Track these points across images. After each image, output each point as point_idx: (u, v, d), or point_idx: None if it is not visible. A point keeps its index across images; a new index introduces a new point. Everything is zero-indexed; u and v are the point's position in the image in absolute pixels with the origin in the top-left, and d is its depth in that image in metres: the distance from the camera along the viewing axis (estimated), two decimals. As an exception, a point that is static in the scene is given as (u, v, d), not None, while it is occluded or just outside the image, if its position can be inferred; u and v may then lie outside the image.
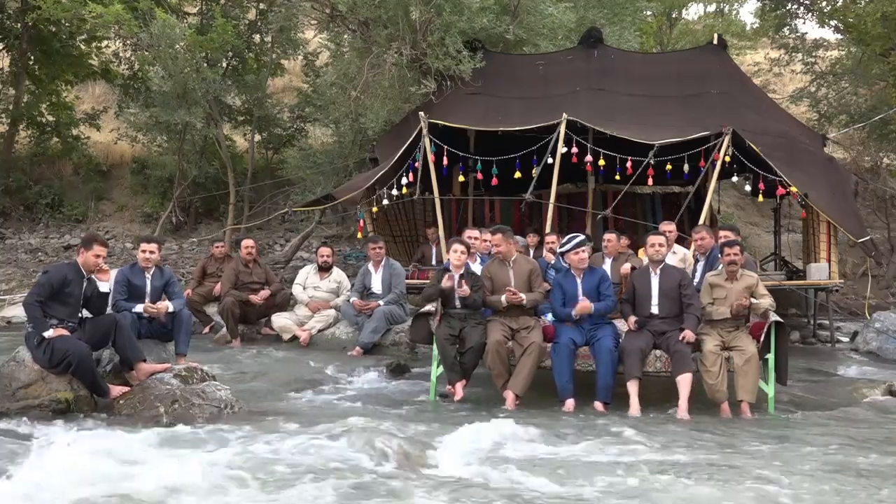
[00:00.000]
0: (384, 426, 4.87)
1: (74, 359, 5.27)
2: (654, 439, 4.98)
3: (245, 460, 4.14)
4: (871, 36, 12.45)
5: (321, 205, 11.04)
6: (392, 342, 8.30)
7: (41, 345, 5.31)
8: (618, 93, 10.39)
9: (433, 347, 6.46)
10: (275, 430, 4.95)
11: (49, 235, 14.31)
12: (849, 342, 9.79)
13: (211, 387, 5.56)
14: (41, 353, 5.32)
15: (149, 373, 5.62)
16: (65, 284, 5.45)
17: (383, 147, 10.62)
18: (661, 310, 6.23)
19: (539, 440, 4.86)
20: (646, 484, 3.99)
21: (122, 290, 6.46)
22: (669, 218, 9.03)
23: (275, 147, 15.19)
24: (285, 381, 6.71)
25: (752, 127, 9.46)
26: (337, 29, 12.33)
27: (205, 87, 12.33)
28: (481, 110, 10.23)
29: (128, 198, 15.38)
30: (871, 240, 9.52)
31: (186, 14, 14.66)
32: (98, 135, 15.81)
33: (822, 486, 3.96)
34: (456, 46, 10.40)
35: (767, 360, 6.07)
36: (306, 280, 9.01)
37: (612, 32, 12.85)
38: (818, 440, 5.06)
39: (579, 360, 6.23)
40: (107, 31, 12.93)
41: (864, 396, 6.70)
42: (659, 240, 6.49)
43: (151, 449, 4.30)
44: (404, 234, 11.46)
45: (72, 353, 5.27)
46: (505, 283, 6.46)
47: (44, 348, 5.30)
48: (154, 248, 6.63)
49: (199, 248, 13.59)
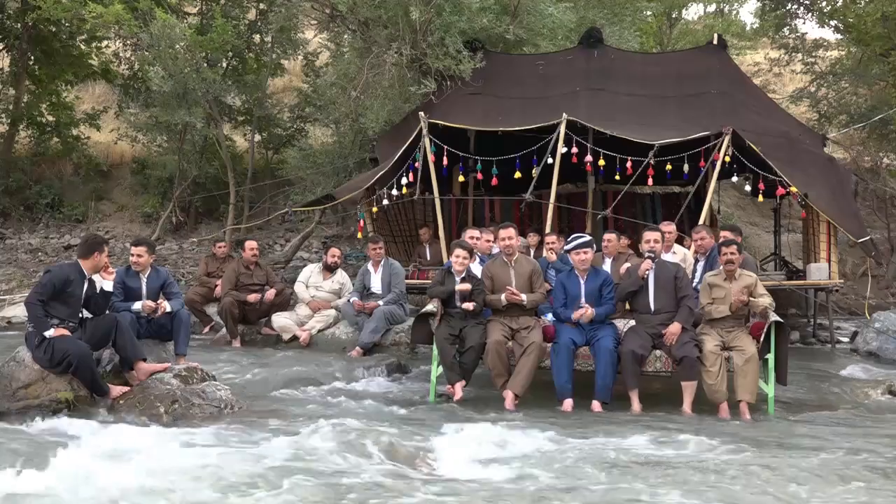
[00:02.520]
0: (384, 426, 4.86)
1: (75, 358, 5.25)
2: (653, 440, 4.97)
3: (245, 460, 4.13)
4: (870, 36, 12.45)
5: (321, 205, 11.04)
6: (392, 342, 8.25)
7: (42, 344, 5.30)
8: (618, 93, 10.39)
9: (433, 347, 6.46)
10: (274, 429, 4.93)
11: (49, 235, 14.30)
12: (849, 342, 9.77)
13: (211, 387, 5.56)
14: (42, 352, 5.30)
15: (149, 373, 5.61)
16: (67, 284, 5.43)
17: (383, 147, 10.62)
18: (657, 303, 6.23)
19: (538, 440, 4.84)
20: (646, 484, 3.98)
21: (118, 292, 6.39)
22: (669, 218, 9.02)
23: (275, 147, 15.17)
24: (285, 381, 6.68)
25: (752, 127, 9.46)
26: (337, 29, 12.37)
27: (205, 87, 12.32)
28: (481, 110, 10.23)
29: (128, 198, 15.37)
30: (871, 240, 9.52)
31: (186, 14, 14.66)
32: (98, 135, 15.81)
33: (822, 487, 3.95)
34: (456, 46, 10.41)
35: (767, 360, 6.06)
36: (309, 279, 8.97)
37: (612, 32, 12.85)
38: (818, 440, 5.04)
39: (579, 360, 6.24)
40: (107, 31, 13.00)
41: (864, 396, 6.70)
42: (654, 235, 6.50)
43: (151, 449, 4.27)
44: (404, 234, 11.45)
45: (72, 352, 5.26)
46: (506, 283, 6.45)
47: (44, 348, 5.28)
48: (142, 252, 6.52)
49: (199, 248, 13.57)
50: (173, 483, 3.73)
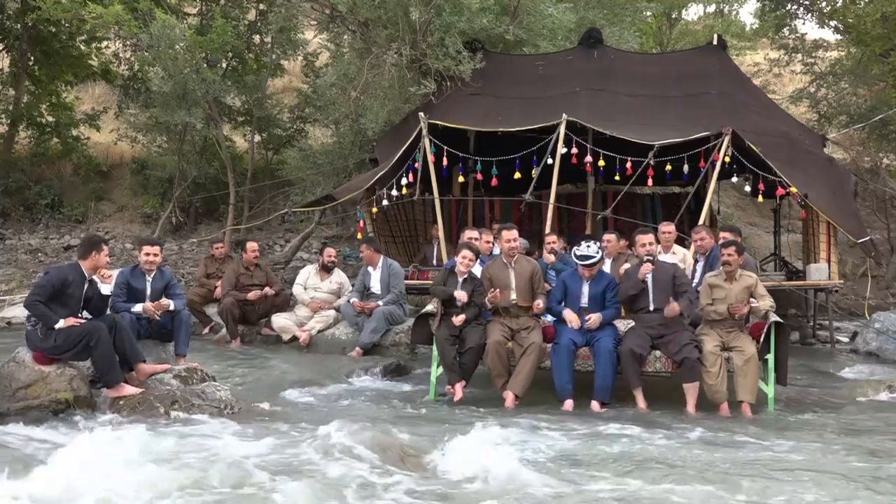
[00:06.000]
0: (384, 427, 4.85)
1: (95, 336, 5.21)
2: (654, 440, 4.97)
3: (244, 461, 4.12)
4: (870, 36, 12.43)
5: (321, 205, 11.04)
6: (392, 343, 8.25)
7: (50, 334, 5.24)
8: (618, 93, 10.37)
9: (433, 348, 6.47)
10: (274, 430, 4.94)
11: (49, 236, 14.26)
12: (848, 343, 9.79)
13: (211, 387, 5.56)
14: (52, 341, 5.23)
15: (148, 373, 5.61)
16: (65, 285, 5.40)
17: (383, 147, 10.60)
18: (656, 302, 6.21)
19: (539, 441, 4.84)
20: (646, 484, 3.98)
21: (121, 293, 6.41)
22: (669, 218, 8.99)
23: (275, 147, 15.14)
24: (285, 382, 6.69)
25: (751, 127, 9.44)
26: (337, 29, 12.32)
27: (204, 88, 12.31)
28: (481, 111, 10.20)
29: (128, 198, 15.34)
30: (870, 240, 9.49)
31: (186, 14, 14.65)
32: (98, 135, 15.81)
33: (822, 488, 3.95)
34: (456, 47, 10.39)
35: (767, 360, 6.07)
36: (307, 280, 8.97)
37: (612, 33, 12.84)
38: (818, 441, 5.04)
39: (579, 360, 6.24)
40: (107, 32, 13.00)
41: (864, 397, 6.70)
42: (648, 238, 6.53)
43: (151, 449, 4.26)
44: (404, 234, 11.44)
45: (91, 331, 5.20)
46: (505, 285, 6.42)
47: (54, 336, 5.23)
48: (157, 251, 6.58)
49: (199, 249, 13.54)
50: (171, 484, 3.73)
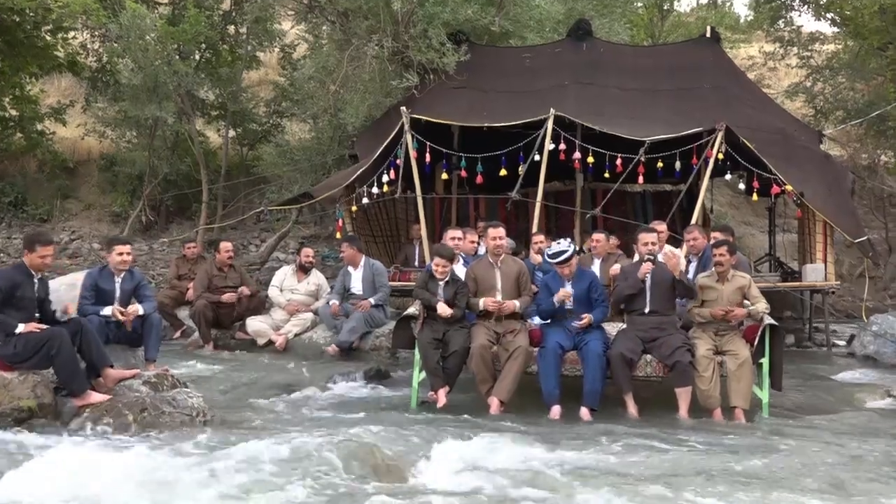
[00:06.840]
0: (363, 435, 4.84)
1: (55, 343, 5.12)
2: (644, 447, 4.94)
3: (217, 470, 4.07)
4: (868, 29, 12.37)
5: (298, 203, 10.94)
6: (372, 347, 8.21)
7: (9, 339, 5.15)
8: (607, 87, 10.31)
9: (415, 352, 6.36)
10: (249, 439, 4.82)
11: (12, 235, 14.01)
12: (845, 346, 9.75)
13: (182, 394, 5.51)
14: (11, 347, 5.15)
15: (117, 379, 5.53)
16: (15, 288, 5.31)
17: (363, 143, 10.51)
18: (652, 304, 6.16)
19: (524, 448, 4.79)
20: (637, 492, 3.96)
21: (90, 295, 6.32)
22: (661, 217, 9.11)
23: (250, 143, 15.12)
24: (260, 388, 6.67)
25: (746, 123, 9.39)
26: (315, 20, 12.27)
27: (176, 81, 12.22)
28: (465, 105, 10.13)
29: (95, 196, 15.25)
30: (868, 240, 9.46)
31: (157, 4, 14.57)
32: (64, 130, 15.66)
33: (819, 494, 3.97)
34: (439, 38, 10.29)
35: (761, 364, 6.04)
36: (283, 282, 8.93)
37: (602, 24, 12.85)
38: (813, 447, 5.02)
39: (567, 364, 6.14)
40: (73, 22, 12.84)
41: (861, 401, 6.68)
42: (651, 237, 6.47)
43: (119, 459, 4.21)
44: (385, 233, 11.39)
45: (51, 338, 5.11)
46: (491, 285, 6.35)
47: (13, 342, 5.15)
48: (129, 250, 6.53)
49: (170, 249, 13.46)
50: (139, 495, 3.72)
